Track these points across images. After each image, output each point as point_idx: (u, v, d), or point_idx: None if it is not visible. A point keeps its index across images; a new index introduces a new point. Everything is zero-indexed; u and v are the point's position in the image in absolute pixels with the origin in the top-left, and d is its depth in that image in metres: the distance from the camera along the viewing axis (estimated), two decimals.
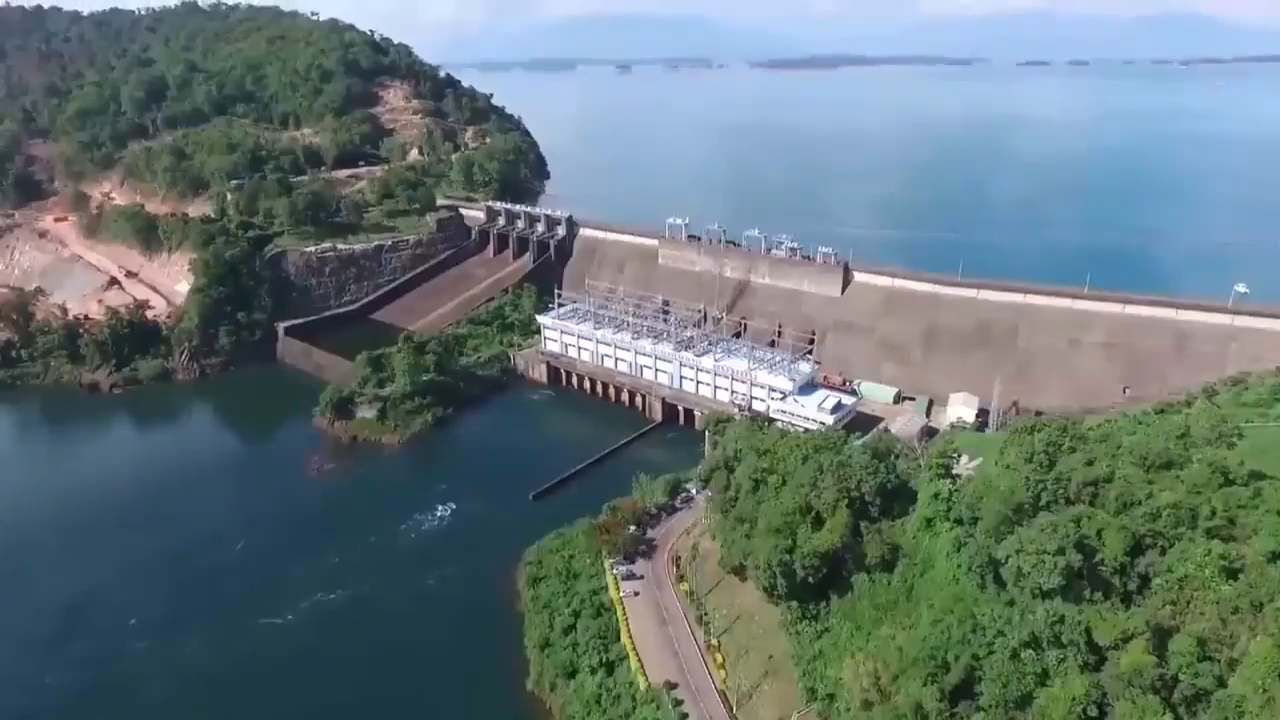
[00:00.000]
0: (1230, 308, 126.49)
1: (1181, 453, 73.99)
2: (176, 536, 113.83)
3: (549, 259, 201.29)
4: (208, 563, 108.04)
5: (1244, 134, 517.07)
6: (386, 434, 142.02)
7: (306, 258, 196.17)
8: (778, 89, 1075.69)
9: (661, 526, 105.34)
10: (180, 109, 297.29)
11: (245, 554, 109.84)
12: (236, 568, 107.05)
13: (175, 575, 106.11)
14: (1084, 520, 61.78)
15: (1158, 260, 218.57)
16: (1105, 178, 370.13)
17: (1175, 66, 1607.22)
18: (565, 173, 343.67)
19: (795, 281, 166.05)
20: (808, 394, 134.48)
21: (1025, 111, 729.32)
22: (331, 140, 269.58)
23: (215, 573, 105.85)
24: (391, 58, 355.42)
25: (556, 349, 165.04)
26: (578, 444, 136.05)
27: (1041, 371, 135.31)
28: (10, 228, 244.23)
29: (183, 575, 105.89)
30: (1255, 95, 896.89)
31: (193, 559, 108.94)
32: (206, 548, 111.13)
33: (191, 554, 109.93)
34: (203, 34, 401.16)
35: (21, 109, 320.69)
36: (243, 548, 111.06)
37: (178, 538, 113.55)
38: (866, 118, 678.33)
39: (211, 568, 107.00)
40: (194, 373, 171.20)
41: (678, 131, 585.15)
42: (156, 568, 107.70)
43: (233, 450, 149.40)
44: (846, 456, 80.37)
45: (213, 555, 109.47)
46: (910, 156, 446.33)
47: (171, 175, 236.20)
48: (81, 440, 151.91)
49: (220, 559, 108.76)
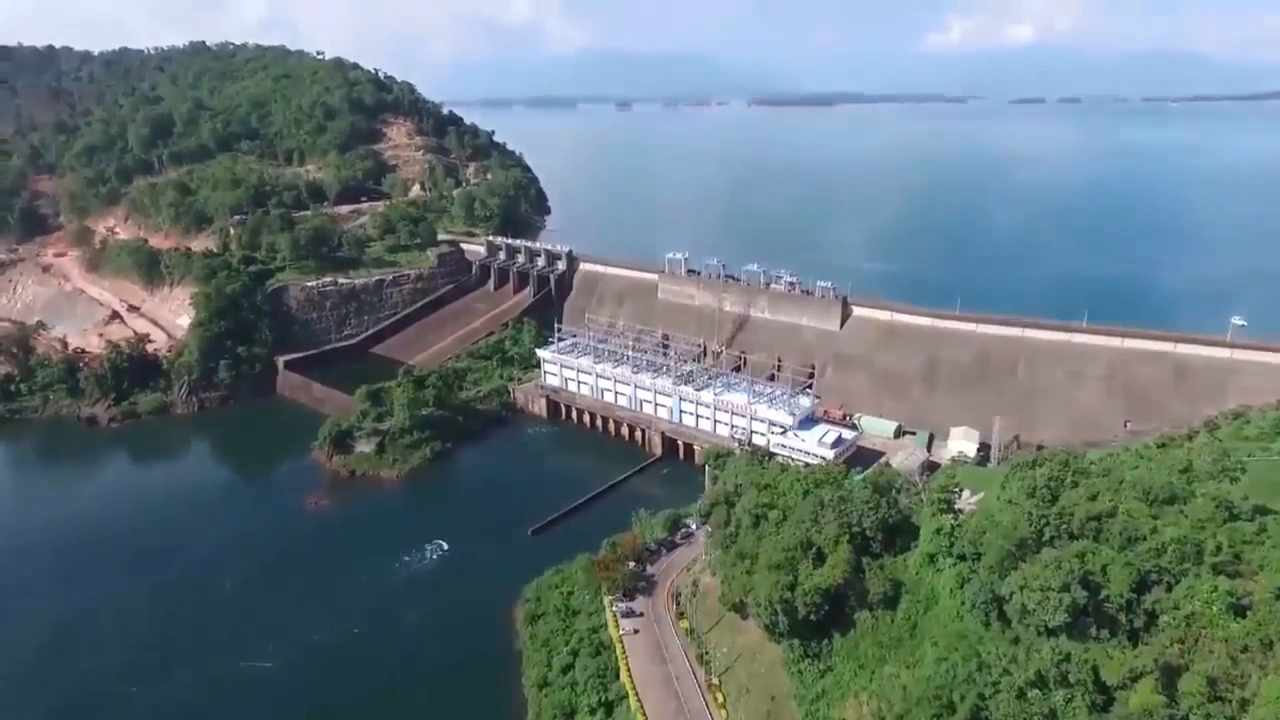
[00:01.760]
0: (1229, 341, 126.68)
1: (1184, 487, 73.38)
2: (166, 573, 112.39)
3: (549, 293, 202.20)
4: (196, 600, 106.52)
5: (1234, 168, 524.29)
6: (385, 468, 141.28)
7: (308, 292, 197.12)
8: (776, 125, 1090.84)
9: (661, 562, 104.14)
10: (186, 145, 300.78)
11: (235, 592, 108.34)
12: (225, 606, 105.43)
13: (160, 613, 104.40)
14: (1088, 556, 61.03)
15: (1153, 293, 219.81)
16: (1098, 211, 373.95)
17: (1167, 104, 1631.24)
18: (565, 208, 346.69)
19: (794, 316, 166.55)
20: (808, 428, 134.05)
21: (1019, 147, 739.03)
22: (334, 176, 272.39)
23: (203, 611, 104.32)
24: (395, 95, 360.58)
25: (556, 383, 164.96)
26: (577, 479, 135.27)
27: (1042, 405, 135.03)
28: (14, 261, 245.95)
29: (168, 613, 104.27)
30: (1249, 132, 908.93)
31: (181, 596, 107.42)
32: (196, 584, 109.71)
33: (180, 591, 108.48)
34: (210, 73, 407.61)
35: (30, 145, 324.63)
36: (233, 585, 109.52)
37: (167, 574, 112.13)
38: (863, 153, 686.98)
39: (199, 606, 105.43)
40: (193, 406, 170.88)
41: (677, 167, 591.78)
42: (143, 605, 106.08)
43: (229, 484, 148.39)
44: (847, 491, 79.80)
45: (202, 592, 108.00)
46: (907, 191, 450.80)
47: (175, 210, 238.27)
48: (76, 474, 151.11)
49: (209, 597, 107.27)
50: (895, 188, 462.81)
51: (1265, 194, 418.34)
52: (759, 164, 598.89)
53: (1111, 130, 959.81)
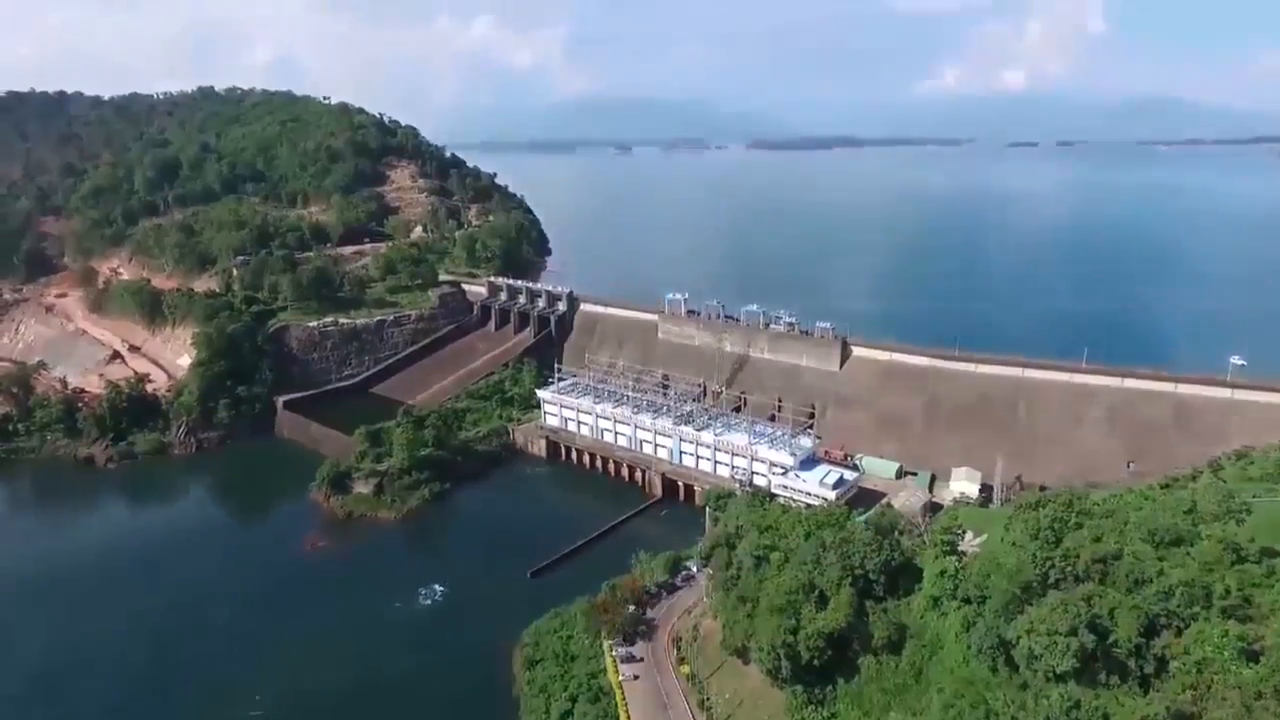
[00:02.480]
0: (1229, 381, 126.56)
1: (1190, 529, 72.67)
2: (157, 617, 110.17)
3: (549, 334, 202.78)
4: (185, 644, 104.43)
5: (1225, 210, 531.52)
6: (383, 509, 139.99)
7: (309, 332, 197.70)
8: (774, 168, 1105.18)
9: (661, 606, 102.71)
10: (192, 188, 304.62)
11: (226, 635, 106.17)
12: (215, 650, 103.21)
13: (149, 659, 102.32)
14: (1095, 599, 60.21)
15: (1150, 331, 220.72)
16: (1094, 250, 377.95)
17: (1159, 148, 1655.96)
18: (566, 249, 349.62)
19: (794, 356, 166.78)
20: (809, 469, 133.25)
21: (1016, 187, 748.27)
22: (338, 218, 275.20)
23: (192, 655, 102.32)
24: (399, 139, 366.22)
25: (556, 423, 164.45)
26: (577, 520, 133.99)
27: (1043, 445, 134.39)
28: (17, 302, 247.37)
29: (157, 658, 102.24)
30: (1238, 176, 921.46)
31: (170, 640, 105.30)
32: (187, 628, 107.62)
33: (170, 635, 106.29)
34: (218, 117, 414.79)
35: (38, 188, 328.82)
36: (225, 628, 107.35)
37: (158, 618, 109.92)
38: (861, 195, 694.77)
39: (189, 649, 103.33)
40: (190, 447, 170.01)
41: (676, 209, 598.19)
42: (131, 650, 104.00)
43: (225, 526, 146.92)
44: (849, 533, 79.09)
45: (192, 636, 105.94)
46: (904, 232, 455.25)
47: (179, 251, 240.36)
48: (71, 515, 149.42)
49: (200, 640, 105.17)
50: (893, 228, 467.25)
51: (1256, 234, 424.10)
52: (757, 206, 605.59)
53: (1106, 172, 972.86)
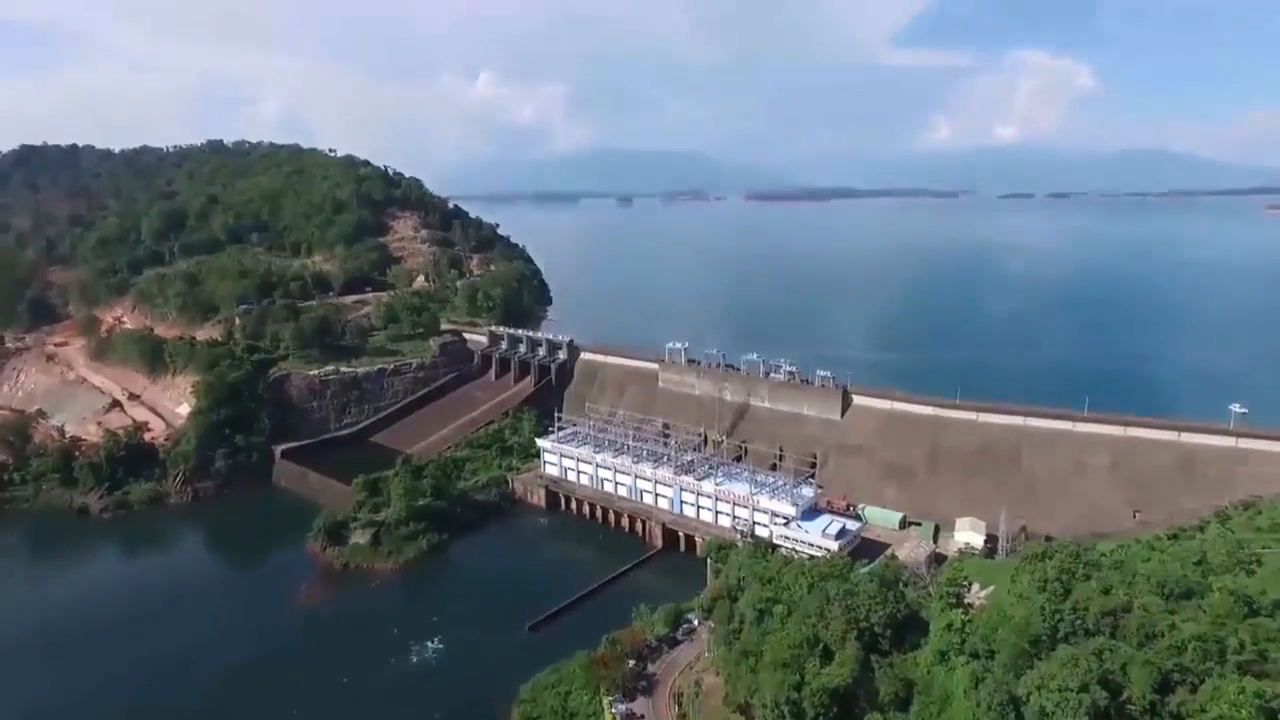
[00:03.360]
0: (1232, 429, 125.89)
1: (1200, 580, 71.63)
2: (140, 673, 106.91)
3: (549, 382, 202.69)
4: (172, 703, 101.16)
5: (1217, 260, 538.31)
6: (379, 560, 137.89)
7: (309, 380, 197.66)
8: (771, 219, 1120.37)
9: (662, 660, 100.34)
10: (197, 238, 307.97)
11: (215, 694, 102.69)
12: (203, 709, 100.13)
13: (137, 716, 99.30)
14: (1106, 654, 58.89)
15: (1150, 378, 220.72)
16: (1091, 298, 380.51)
17: (1150, 199, 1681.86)
18: (567, 299, 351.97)
19: (795, 405, 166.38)
20: (811, 519, 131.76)
21: (1010, 239, 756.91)
22: (341, 267, 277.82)
23: (182, 711, 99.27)
24: (403, 190, 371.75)
25: (556, 473, 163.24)
26: (576, 571, 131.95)
27: (1047, 495, 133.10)
28: (19, 350, 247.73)
29: (145, 715, 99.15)
30: (1227, 226, 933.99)
31: (156, 700, 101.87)
32: (173, 686, 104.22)
33: (156, 694, 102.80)
34: (225, 169, 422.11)
35: (45, 238, 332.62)
36: (214, 686, 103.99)
37: (141, 674, 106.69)
38: (858, 245, 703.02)
39: (175, 709, 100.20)
40: (187, 496, 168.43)
41: (676, 259, 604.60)
42: (110, 711, 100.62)
43: (218, 577, 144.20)
44: (854, 585, 77.76)
45: (179, 695, 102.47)
46: (902, 281, 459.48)
47: (182, 300, 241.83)
48: (61, 566, 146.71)
49: (187, 698, 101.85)
50: (892, 278, 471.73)
51: (1249, 282, 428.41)
52: (756, 256, 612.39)
53: (1101, 222, 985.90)
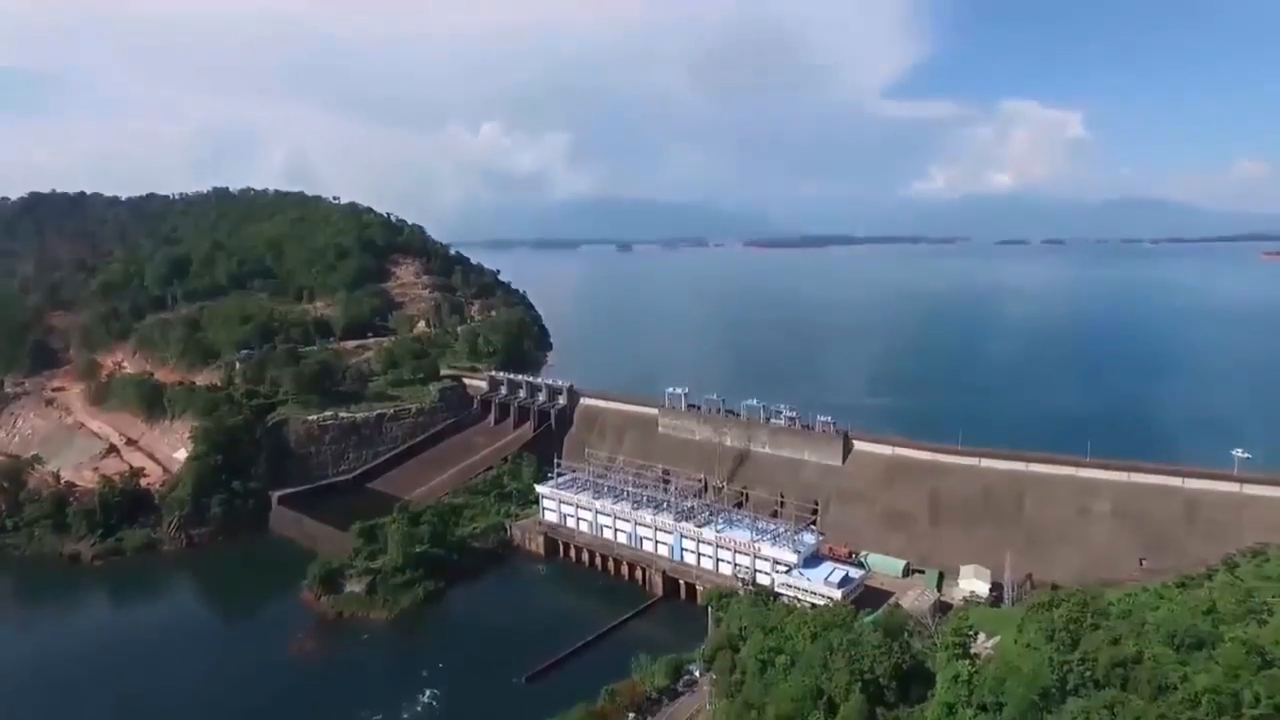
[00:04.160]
0: (1237, 475, 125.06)
1: (1211, 630, 70.27)
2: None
3: (549, 428, 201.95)
4: None
5: (1212, 306, 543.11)
6: (375, 609, 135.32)
7: (308, 426, 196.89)
8: (771, 266, 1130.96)
9: (662, 713, 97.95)
10: (201, 283, 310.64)
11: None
12: None
13: None
14: (1118, 707, 57.54)
15: (1151, 423, 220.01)
16: (1087, 346, 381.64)
17: (1144, 245, 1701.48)
18: (567, 344, 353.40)
19: (795, 451, 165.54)
20: (813, 566, 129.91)
21: (1006, 284, 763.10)
22: (342, 312, 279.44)
23: None
24: (405, 236, 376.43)
25: (555, 519, 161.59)
26: (575, 620, 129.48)
27: (1052, 542, 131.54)
28: (18, 395, 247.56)
29: None
30: (1221, 272, 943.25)
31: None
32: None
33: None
34: (230, 216, 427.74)
35: (50, 283, 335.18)
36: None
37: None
38: (857, 291, 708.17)
39: None
40: (181, 543, 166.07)
41: (676, 305, 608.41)
42: None
43: (209, 626, 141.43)
44: (857, 635, 76.39)
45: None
46: (901, 326, 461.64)
47: (183, 345, 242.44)
48: (49, 615, 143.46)
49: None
50: (891, 323, 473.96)
51: (1243, 326, 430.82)
52: (756, 301, 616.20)
53: (1095, 269, 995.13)
